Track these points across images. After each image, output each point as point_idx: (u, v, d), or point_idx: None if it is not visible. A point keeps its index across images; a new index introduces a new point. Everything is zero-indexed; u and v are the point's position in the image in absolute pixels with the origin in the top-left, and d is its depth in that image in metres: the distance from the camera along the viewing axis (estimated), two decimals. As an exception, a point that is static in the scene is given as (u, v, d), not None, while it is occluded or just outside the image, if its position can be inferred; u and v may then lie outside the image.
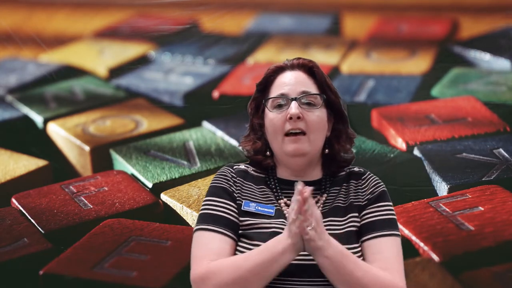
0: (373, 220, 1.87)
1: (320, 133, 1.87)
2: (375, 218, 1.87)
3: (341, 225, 1.84)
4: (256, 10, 4.82)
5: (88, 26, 4.70)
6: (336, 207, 1.86)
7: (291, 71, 1.95)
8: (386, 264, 1.82)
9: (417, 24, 4.69)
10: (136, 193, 3.05)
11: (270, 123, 1.88)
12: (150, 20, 4.96)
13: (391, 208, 1.90)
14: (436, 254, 2.62)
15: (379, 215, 1.87)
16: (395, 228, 1.87)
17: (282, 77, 1.95)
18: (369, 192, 1.90)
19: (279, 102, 1.89)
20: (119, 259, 2.71)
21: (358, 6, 4.75)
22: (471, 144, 3.25)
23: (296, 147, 1.85)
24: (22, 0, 4.81)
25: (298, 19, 4.91)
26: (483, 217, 2.76)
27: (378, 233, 1.85)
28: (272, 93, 1.92)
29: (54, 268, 2.71)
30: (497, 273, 2.62)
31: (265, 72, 1.98)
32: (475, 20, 4.43)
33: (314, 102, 1.87)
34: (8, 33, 4.54)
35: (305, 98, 1.88)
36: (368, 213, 1.87)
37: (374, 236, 1.85)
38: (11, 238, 2.88)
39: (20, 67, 4.36)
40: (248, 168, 1.94)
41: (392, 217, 1.89)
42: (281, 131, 1.86)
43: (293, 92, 1.89)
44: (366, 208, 1.88)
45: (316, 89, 1.90)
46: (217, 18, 4.63)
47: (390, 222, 1.88)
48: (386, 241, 1.85)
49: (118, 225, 2.87)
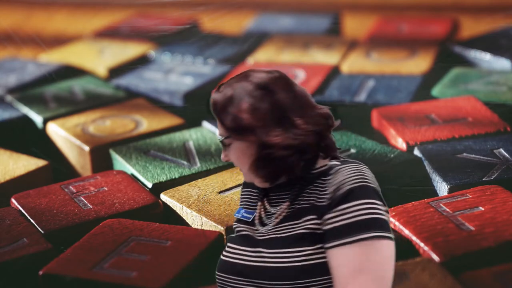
0: (333, 226, 1.67)
1: (245, 165, 1.79)
2: (336, 224, 1.67)
3: (293, 228, 1.73)
4: (256, 10, 4.82)
5: (88, 26, 4.71)
6: (298, 209, 1.75)
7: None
8: (340, 284, 1.65)
9: (417, 24, 4.70)
10: (136, 193, 3.05)
11: None
12: (150, 20, 4.96)
13: (360, 207, 1.67)
14: (436, 254, 2.62)
15: (341, 220, 1.67)
16: (364, 231, 1.65)
17: None
18: (331, 191, 1.70)
19: None
20: (118, 259, 2.71)
21: (358, 6, 4.75)
22: (471, 144, 3.25)
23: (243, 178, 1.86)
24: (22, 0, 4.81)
25: (298, 19, 4.92)
26: (484, 217, 2.76)
27: (336, 242, 1.66)
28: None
29: (53, 268, 2.71)
30: (497, 273, 2.61)
31: None
32: (476, 20, 4.44)
33: (226, 142, 1.81)
34: (8, 33, 4.55)
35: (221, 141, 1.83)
36: (330, 217, 1.68)
37: (332, 245, 1.67)
38: (11, 238, 2.87)
39: (19, 67, 4.36)
40: None
41: (361, 218, 1.66)
42: None
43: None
44: (328, 211, 1.69)
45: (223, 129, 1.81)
46: (217, 18, 4.63)
47: (355, 225, 1.66)
48: (343, 253, 1.65)
49: (117, 225, 2.87)
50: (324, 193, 1.72)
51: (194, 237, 2.79)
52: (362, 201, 1.68)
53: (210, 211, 2.89)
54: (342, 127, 3.48)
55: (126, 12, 4.90)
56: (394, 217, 2.78)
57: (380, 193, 1.73)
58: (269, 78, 1.79)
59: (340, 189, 1.70)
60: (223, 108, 1.80)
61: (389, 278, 1.66)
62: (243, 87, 1.78)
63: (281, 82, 1.79)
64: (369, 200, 1.69)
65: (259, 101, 1.76)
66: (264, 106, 1.75)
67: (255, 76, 1.80)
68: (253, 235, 1.78)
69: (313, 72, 4.08)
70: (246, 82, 1.79)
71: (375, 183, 1.74)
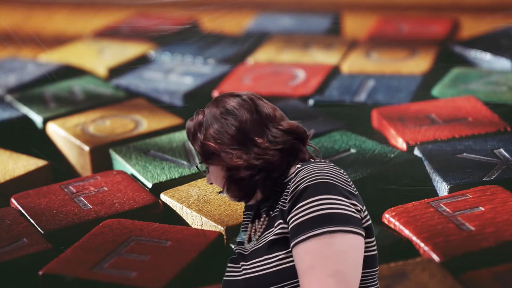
0: (291, 226, 1.67)
1: (220, 187, 1.85)
2: (293, 224, 1.67)
3: (268, 236, 1.74)
4: (256, 10, 4.82)
5: (88, 26, 4.70)
6: (272, 217, 1.77)
7: None
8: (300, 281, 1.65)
9: (417, 24, 4.70)
10: (135, 193, 3.05)
11: None
12: (150, 20, 4.96)
13: (314, 204, 1.65)
14: (436, 254, 2.62)
15: (296, 219, 1.66)
16: (315, 227, 1.63)
17: None
18: (290, 192, 1.70)
19: None
20: (118, 259, 2.71)
21: (358, 6, 4.75)
22: (471, 144, 3.25)
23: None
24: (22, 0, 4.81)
25: (298, 19, 4.91)
26: (484, 217, 2.76)
27: (293, 241, 1.66)
28: None
29: (53, 269, 2.71)
30: (497, 273, 2.61)
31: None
32: (476, 20, 4.43)
33: (203, 169, 1.90)
34: (8, 33, 4.55)
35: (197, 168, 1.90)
36: (289, 219, 1.68)
37: (292, 245, 1.66)
38: (10, 238, 2.87)
39: (19, 67, 4.36)
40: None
41: (313, 215, 1.64)
42: None
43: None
44: (288, 214, 1.69)
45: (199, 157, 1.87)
46: (217, 18, 4.63)
47: (308, 223, 1.64)
48: (298, 251, 1.64)
49: (117, 225, 2.86)
50: (287, 196, 1.73)
51: (194, 237, 2.79)
52: (315, 198, 1.66)
53: (210, 211, 2.89)
54: (342, 127, 3.48)
55: (126, 12, 4.90)
56: (394, 217, 2.78)
57: (345, 188, 1.70)
58: (237, 103, 1.83)
59: (296, 190, 1.70)
60: (194, 136, 1.86)
61: (348, 272, 1.63)
62: (211, 113, 1.84)
63: (247, 105, 1.82)
64: (324, 196, 1.67)
65: (224, 126, 1.81)
66: (228, 131, 1.80)
67: (225, 101, 1.85)
68: (242, 252, 1.81)
69: (313, 72, 4.08)
70: (215, 108, 1.84)
71: (337, 178, 1.71)
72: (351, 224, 1.65)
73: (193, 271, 2.69)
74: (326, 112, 3.69)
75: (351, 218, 1.66)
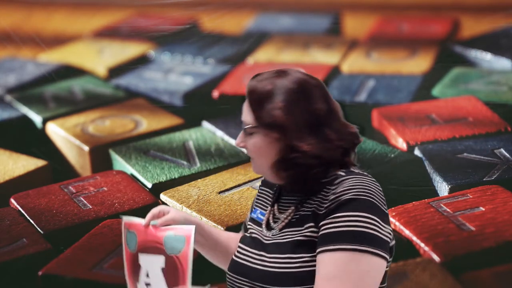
0: (322, 233, 1.69)
1: (262, 158, 1.79)
2: (325, 231, 1.68)
3: (295, 234, 1.75)
4: (256, 10, 4.81)
5: (88, 25, 4.70)
6: (302, 215, 1.76)
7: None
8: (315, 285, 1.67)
9: (417, 24, 4.69)
10: (135, 193, 3.05)
11: None
12: (149, 20, 4.96)
13: (353, 219, 1.67)
14: (436, 255, 2.61)
15: (330, 228, 1.68)
16: (348, 242, 1.66)
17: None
18: (330, 200, 1.70)
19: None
20: (118, 259, 2.71)
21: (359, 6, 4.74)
22: (472, 144, 3.25)
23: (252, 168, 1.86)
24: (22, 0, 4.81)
25: (298, 19, 4.91)
26: (484, 218, 2.76)
27: (321, 248, 1.67)
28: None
29: (53, 269, 2.70)
30: (498, 273, 2.61)
31: None
32: (476, 20, 4.43)
33: (250, 131, 1.80)
34: (8, 33, 4.54)
35: (246, 127, 1.81)
36: (323, 224, 1.69)
37: (318, 251, 1.68)
38: (10, 239, 2.87)
39: (19, 67, 4.36)
40: None
41: (350, 229, 1.67)
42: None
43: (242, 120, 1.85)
44: (323, 219, 1.70)
45: (252, 116, 1.79)
46: (217, 18, 4.62)
47: (341, 235, 1.67)
48: (324, 258, 1.67)
49: (117, 226, 2.86)
50: (325, 202, 1.72)
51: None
52: (355, 213, 1.68)
53: (210, 211, 2.88)
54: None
55: (126, 12, 4.89)
56: (394, 217, 2.78)
57: (384, 210, 1.72)
58: (310, 83, 1.79)
59: (338, 199, 1.70)
60: (259, 100, 1.78)
61: None
62: (283, 85, 1.77)
63: (320, 91, 1.79)
64: (364, 213, 1.68)
65: (296, 104, 1.76)
66: (300, 110, 1.76)
67: (296, 76, 1.79)
68: (261, 238, 1.81)
69: (313, 72, 4.06)
70: (287, 81, 1.78)
71: (379, 198, 1.72)
72: (381, 249, 1.68)
73: (193, 271, 2.68)
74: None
75: (383, 243, 1.69)
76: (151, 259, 1.79)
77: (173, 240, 1.78)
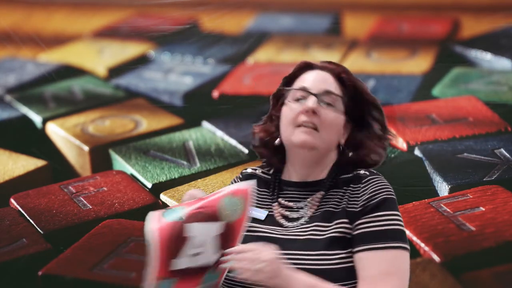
0: (364, 231, 1.75)
1: (332, 134, 1.81)
2: (367, 230, 1.75)
3: (325, 230, 1.76)
4: (256, 10, 4.81)
5: (88, 25, 4.69)
6: (327, 211, 1.79)
7: (318, 71, 1.91)
8: (369, 284, 1.72)
9: (417, 24, 4.68)
10: (135, 194, 3.04)
11: (285, 113, 1.84)
12: (149, 19, 4.95)
13: (392, 218, 1.76)
14: (437, 255, 2.61)
15: (373, 226, 1.75)
16: (393, 240, 1.74)
17: (309, 74, 1.90)
18: (365, 199, 1.77)
19: (300, 95, 1.85)
20: (118, 260, 2.71)
21: (359, 6, 4.74)
22: (472, 144, 3.24)
23: (305, 138, 1.80)
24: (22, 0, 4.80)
25: (298, 19, 4.90)
26: (484, 218, 2.76)
27: (367, 246, 1.74)
28: (295, 86, 1.89)
29: (53, 269, 2.70)
30: (498, 273, 2.61)
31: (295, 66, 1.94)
32: (476, 20, 4.42)
33: (334, 104, 1.82)
34: (7, 33, 4.54)
35: (325, 96, 1.83)
36: (361, 223, 1.75)
37: (362, 249, 1.74)
38: (10, 239, 2.87)
39: (19, 67, 4.35)
40: (256, 170, 1.94)
41: (391, 227, 1.75)
42: (293, 122, 1.82)
43: (316, 88, 1.84)
44: (360, 217, 1.75)
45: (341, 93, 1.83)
46: (217, 18, 4.62)
47: (386, 233, 1.75)
48: (374, 256, 1.73)
49: (117, 226, 2.86)
50: (356, 199, 1.77)
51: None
52: (392, 212, 1.77)
53: (210, 211, 2.88)
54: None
55: (126, 12, 4.89)
56: (394, 217, 2.77)
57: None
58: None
59: (374, 198, 1.77)
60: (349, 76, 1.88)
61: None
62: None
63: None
64: (398, 212, 1.79)
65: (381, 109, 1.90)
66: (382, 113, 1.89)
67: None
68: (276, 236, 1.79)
69: (313, 72, 4.07)
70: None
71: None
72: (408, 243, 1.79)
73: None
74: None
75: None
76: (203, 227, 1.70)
77: (229, 204, 1.72)
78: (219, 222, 1.70)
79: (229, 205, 1.72)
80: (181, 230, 1.70)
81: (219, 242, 1.71)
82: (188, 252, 1.70)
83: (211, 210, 1.71)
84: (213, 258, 1.70)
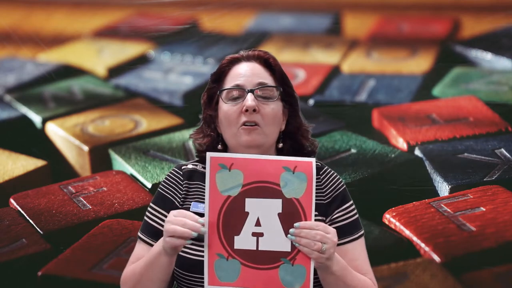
0: (344, 223, 1.86)
1: (275, 126, 1.83)
2: (346, 222, 1.86)
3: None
4: (256, 10, 4.80)
5: (87, 25, 4.69)
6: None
7: (246, 62, 1.91)
8: (363, 269, 1.85)
9: (418, 23, 4.68)
10: (135, 194, 3.04)
11: (224, 115, 1.86)
12: (149, 19, 4.95)
13: (354, 206, 1.89)
14: (437, 255, 2.61)
15: (348, 218, 1.86)
16: (361, 227, 1.90)
17: (237, 68, 1.91)
18: (331, 190, 1.86)
19: (234, 94, 1.87)
20: (118, 260, 2.70)
21: (359, 5, 4.73)
22: (472, 144, 3.24)
23: (251, 138, 1.81)
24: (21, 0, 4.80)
25: (298, 18, 4.90)
26: (485, 218, 2.75)
27: (350, 237, 1.86)
28: (226, 84, 1.90)
29: (52, 269, 2.70)
30: (498, 274, 2.60)
31: (220, 62, 1.96)
32: (477, 19, 4.42)
33: (270, 95, 1.84)
34: (7, 32, 4.53)
35: (261, 90, 1.84)
36: (338, 216, 1.85)
37: (347, 241, 1.85)
38: (10, 239, 2.86)
39: (18, 67, 4.35)
40: (197, 166, 1.92)
41: (357, 216, 1.89)
42: (236, 123, 1.83)
43: (249, 83, 1.85)
44: (333, 209, 1.85)
45: (272, 81, 1.87)
46: (217, 18, 4.62)
47: (357, 222, 1.89)
48: (357, 246, 1.86)
49: (117, 226, 2.86)
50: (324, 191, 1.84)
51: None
52: (351, 201, 1.89)
53: (209, 212, 2.87)
54: (342, 127, 3.47)
55: (126, 11, 4.89)
56: (394, 217, 2.77)
57: None
58: None
59: (337, 189, 1.85)
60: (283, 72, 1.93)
61: None
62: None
63: None
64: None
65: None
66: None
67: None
68: None
69: (313, 71, 4.07)
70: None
71: None
72: None
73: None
74: (326, 112, 3.68)
75: None
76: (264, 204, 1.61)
77: (292, 179, 1.64)
78: (281, 198, 1.62)
79: (292, 180, 1.63)
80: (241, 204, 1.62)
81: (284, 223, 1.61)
82: (248, 230, 1.60)
83: (271, 185, 1.62)
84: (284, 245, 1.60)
